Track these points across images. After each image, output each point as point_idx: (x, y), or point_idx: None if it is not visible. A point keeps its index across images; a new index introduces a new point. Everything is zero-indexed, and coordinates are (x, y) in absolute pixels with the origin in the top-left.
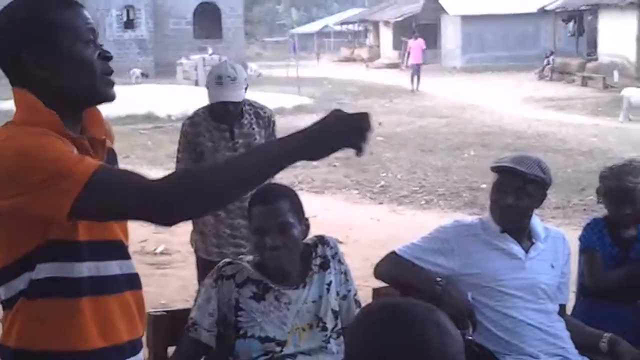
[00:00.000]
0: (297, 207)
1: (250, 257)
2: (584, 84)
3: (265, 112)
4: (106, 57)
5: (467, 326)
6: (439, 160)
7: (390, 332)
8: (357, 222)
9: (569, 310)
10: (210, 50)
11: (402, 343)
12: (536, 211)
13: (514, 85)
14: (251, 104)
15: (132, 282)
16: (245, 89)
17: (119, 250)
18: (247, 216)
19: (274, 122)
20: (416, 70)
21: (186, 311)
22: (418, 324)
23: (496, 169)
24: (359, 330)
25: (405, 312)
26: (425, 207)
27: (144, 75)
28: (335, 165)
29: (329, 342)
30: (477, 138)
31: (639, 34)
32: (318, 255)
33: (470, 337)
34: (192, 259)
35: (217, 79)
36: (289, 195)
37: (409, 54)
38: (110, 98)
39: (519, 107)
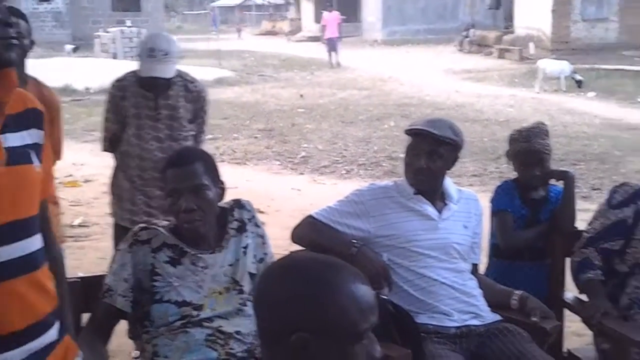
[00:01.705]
0: (211, 170)
1: (165, 222)
2: (501, 56)
3: (195, 87)
4: (6, 23)
5: (383, 286)
6: (360, 131)
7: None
8: (278, 193)
9: (482, 270)
10: (128, 23)
11: (315, 292)
12: (454, 179)
13: (434, 57)
14: (181, 76)
15: (28, 264)
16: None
17: (14, 232)
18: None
19: (204, 98)
20: (332, 45)
21: (99, 277)
22: (338, 277)
23: (410, 132)
24: (271, 278)
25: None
26: (345, 177)
27: (76, 49)
28: (256, 137)
29: (245, 305)
30: (397, 109)
31: (554, 7)
32: (235, 219)
33: (385, 297)
34: (111, 232)
35: (150, 52)
36: (203, 158)
37: (324, 27)
38: (5, 61)
39: (438, 79)
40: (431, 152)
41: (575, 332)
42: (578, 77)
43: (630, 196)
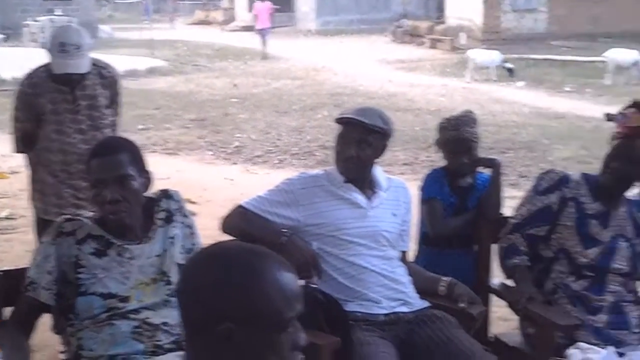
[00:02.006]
0: (137, 160)
1: (91, 213)
2: (433, 46)
3: (109, 72)
4: None
5: (312, 275)
6: (293, 121)
7: (228, 269)
8: (211, 183)
9: (411, 257)
10: (58, 12)
11: (240, 280)
12: (385, 168)
13: (367, 47)
14: (95, 64)
15: None
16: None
17: None
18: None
19: (117, 82)
20: (263, 35)
21: (22, 271)
22: (259, 264)
23: (340, 121)
24: (196, 266)
25: (244, 252)
26: (278, 167)
27: (5, 38)
28: (189, 127)
29: (173, 296)
30: (331, 99)
31: None
32: (162, 209)
33: (314, 285)
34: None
35: (61, 47)
36: (129, 148)
37: (256, 17)
38: None
39: (371, 69)
40: (361, 141)
41: (502, 317)
42: (509, 66)
43: (556, 183)
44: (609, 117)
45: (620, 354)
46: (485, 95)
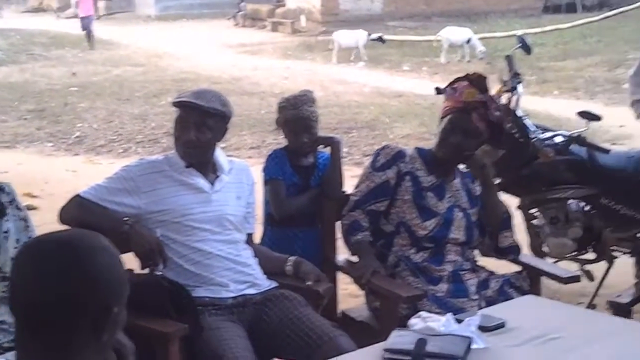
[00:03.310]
0: None
1: None
2: (275, 29)
3: None
4: None
5: (158, 263)
6: (136, 108)
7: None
8: (53, 175)
9: (257, 238)
10: None
11: (69, 271)
12: (232, 152)
13: (209, 32)
14: None
15: None
16: None
17: None
18: None
19: None
20: (86, 24)
21: None
22: (83, 251)
23: (177, 104)
24: (23, 263)
25: (67, 241)
26: (123, 155)
27: None
28: (26, 118)
29: None
30: (174, 85)
31: None
32: None
33: (160, 273)
34: None
35: None
36: None
37: (78, 4)
38: None
39: (214, 54)
40: (200, 124)
41: (352, 294)
42: (377, 36)
43: (392, 158)
44: (439, 91)
45: (459, 321)
46: (328, 76)
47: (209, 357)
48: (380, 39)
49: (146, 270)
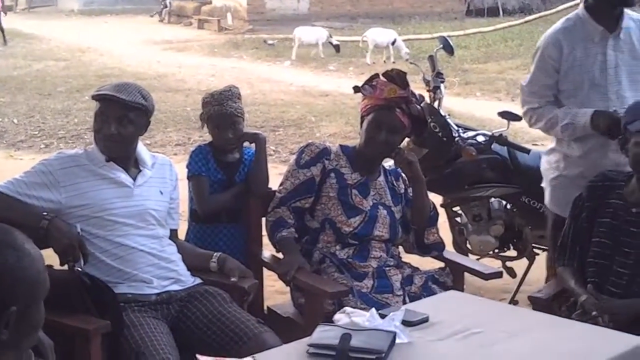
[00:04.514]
0: None
1: None
2: (201, 26)
3: None
4: None
5: (78, 258)
6: (59, 104)
7: None
8: None
9: (181, 234)
10: None
11: None
12: (158, 148)
13: (134, 28)
14: None
15: None
16: None
17: None
18: None
19: None
20: None
21: None
22: None
23: (97, 98)
24: None
25: None
26: (45, 151)
27: None
28: None
29: None
30: (98, 80)
31: None
32: None
33: (80, 269)
34: None
35: None
36: None
37: None
38: None
39: (139, 50)
40: (121, 118)
41: (279, 291)
42: (335, 42)
43: (317, 155)
44: (357, 89)
45: (383, 316)
46: (255, 74)
47: (131, 354)
48: (336, 47)
49: (66, 267)
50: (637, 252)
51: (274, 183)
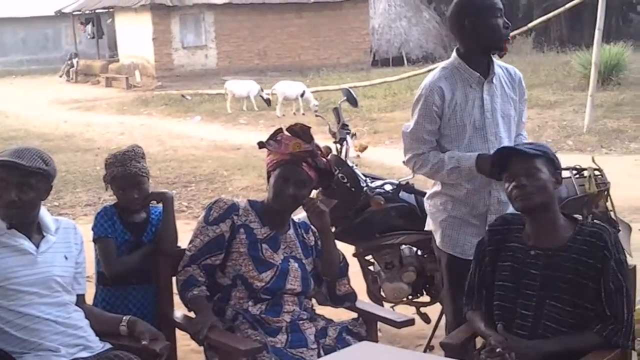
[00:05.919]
0: None
1: None
2: (109, 84)
3: None
4: None
5: None
6: None
7: None
8: None
9: (89, 299)
10: None
11: None
12: (67, 209)
13: (40, 88)
14: None
15: None
16: None
17: None
18: None
19: None
20: None
21: None
22: None
23: None
24: None
25: None
26: None
27: None
28: None
29: None
30: (3, 143)
31: (154, 35)
32: None
33: None
34: None
35: None
36: None
37: None
38: None
39: (45, 110)
40: (21, 184)
41: (195, 350)
42: (266, 96)
43: (225, 211)
44: (261, 145)
45: None
46: (165, 131)
47: None
48: (267, 101)
49: None
50: (539, 294)
51: (184, 240)
